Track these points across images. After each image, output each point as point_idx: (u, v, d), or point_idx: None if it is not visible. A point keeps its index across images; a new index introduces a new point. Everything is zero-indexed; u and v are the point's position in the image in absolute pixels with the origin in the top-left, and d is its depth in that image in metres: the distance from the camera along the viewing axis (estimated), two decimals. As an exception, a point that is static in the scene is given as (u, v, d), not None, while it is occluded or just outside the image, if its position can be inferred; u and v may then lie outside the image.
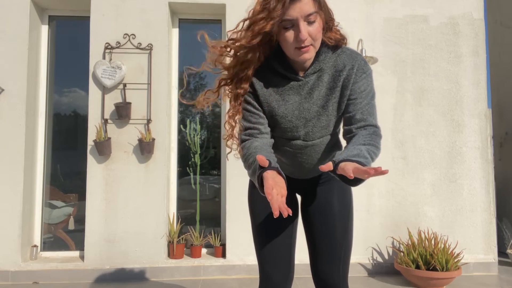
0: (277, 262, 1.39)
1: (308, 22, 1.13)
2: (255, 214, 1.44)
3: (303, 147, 1.33)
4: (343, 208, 1.44)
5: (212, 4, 3.48)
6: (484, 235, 3.48)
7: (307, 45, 1.15)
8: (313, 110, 1.27)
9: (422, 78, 3.56)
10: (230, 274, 3.29)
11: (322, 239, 1.41)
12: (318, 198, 1.45)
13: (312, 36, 1.15)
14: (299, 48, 1.16)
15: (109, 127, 3.32)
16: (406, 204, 3.47)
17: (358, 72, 1.23)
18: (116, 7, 3.38)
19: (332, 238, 1.40)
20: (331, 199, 1.44)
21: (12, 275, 3.16)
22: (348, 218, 1.44)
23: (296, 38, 1.14)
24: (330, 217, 1.41)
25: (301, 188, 1.51)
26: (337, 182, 1.45)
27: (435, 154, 3.51)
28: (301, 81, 1.25)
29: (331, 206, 1.43)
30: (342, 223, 1.42)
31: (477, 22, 3.62)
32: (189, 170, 3.65)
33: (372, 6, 3.56)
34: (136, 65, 3.37)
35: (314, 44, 1.17)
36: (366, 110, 1.25)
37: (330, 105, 1.26)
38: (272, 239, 1.39)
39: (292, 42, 1.15)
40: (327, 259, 1.40)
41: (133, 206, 3.28)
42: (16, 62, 3.27)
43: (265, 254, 1.40)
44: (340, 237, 1.40)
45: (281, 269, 1.39)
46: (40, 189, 3.49)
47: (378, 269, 3.40)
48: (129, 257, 3.25)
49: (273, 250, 1.39)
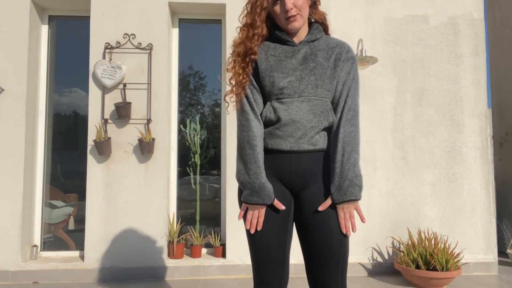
0: (272, 266, 1.38)
1: None
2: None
3: (297, 102, 1.39)
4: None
5: (212, 4, 3.48)
6: (484, 235, 3.48)
7: (294, 15, 1.37)
8: (307, 77, 1.40)
9: (422, 78, 3.56)
10: (230, 274, 3.29)
11: (319, 246, 1.36)
12: (313, 201, 1.39)
13: (297, 6, 1.37)
14: (287, 18, 1.38)
15: (109, 127, 3.32)
16: (406, 204, 3.47)
17: (348, 54, 1.44)
18: (116, 7, 3.38)
19: (329, 245, 1.35)
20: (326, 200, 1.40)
21: (12, 275, 3.16)
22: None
23: (283, 9, 1.37)
24: (327, 222, 1.36)
25: (295, 187, 1.43)
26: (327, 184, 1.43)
27: (435, 154, 3.51)
28: (296, 46, 1.43)
29: (327, 210, 1.37)
30: (339, 229, 1.37)
31: (477, 22, 3.62)
32: (189, 170, 3.65)
33: (372, 6, 3.56)
34: (136, 65, 3.37)
35: (300, 13, 1.39)
36: (351, 92, 1.41)
37: (322, 71, 1.40)
38: (266, 243, 1.38)
39: (281, 13, 1.39)
40: (325, 268, 1.36)
41: (133, 206, 3.28)
42: (16, 62, 3.27)
43: (259, 258, 1.39)
44: (338, 244, 1.35)
45: (276, 273, 1.38)
46: (40, 189, 3.49)
47: (378, 269, 3.40)
48: (129, 257, 3.25)
49: (267, 254, 1.38)
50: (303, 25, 1.44)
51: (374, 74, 3.51)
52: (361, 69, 3.44)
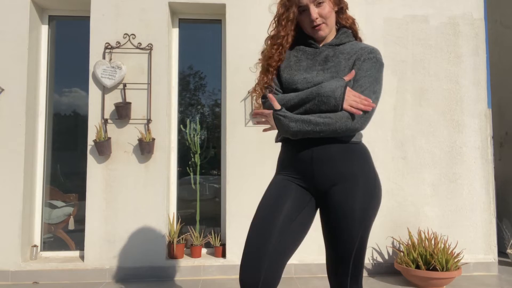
0: (254, 264, 1.28)
1: (317, 5, 1.39)
2: (258, 206, 1.42)
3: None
4: (365, 214, 1.36)
5: (212, 4, 3.48)
6: (484, 235, 3.48)
7: (319, 24, 1.41)
8: (323, 75, 1.39)
9: (422, 78, 3.56)
10: (230, 274, 3.29)
11: (338, 245, 1.38)
12: (337, 200, 1.36)
13: (323, 16, 1.40)
14: (313, 27, 1.42)
15: (109, 127, 3.32)
16: (406, 204, 3.47)
17: (369, 54, 1.41)
18: (116, 7, 3.38)
19: (347, 245, 1.36)
20: (353, 203, 1.35)
21: (12, 275, 3.16)
22: (367, 225, 1.38)
23: (309, 19, 1.41)
24: (349, 223, 1.34)
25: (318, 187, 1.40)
26: (361, 184, 1.38)
27: (435, 154, 3.51)
28: (318, 49, 1.46)
29: (352, 211, 1.34)
30: (360, 231, 1.35)
31: (477, 22, 3.62)
32: (189, 170, 3.65)
33: (372, 6, 3.56)
34: (136, 65, 3.37)
35: (326, 22, 1.42)
36: (366, 88, 1.35)
37: (339, 68, 1.40)
38: (259, 237, 1.32)
39: (307, 23, 1.42)
40: (341, 266, 1.41)
41: (133, 206, 3.28)
42: (16, 62, 3.27)
43: (246, 252, 1.32)
44: (357, 244, 1.37)
45: (255, 273, 1.27)
46: (40, 189, 3.49)
47: (378, 269, 3.40)
48: (129, 257, 3.25)
49: (256, 250, 1.30)
50: (330, 33, 1.47)
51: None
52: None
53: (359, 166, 1.40)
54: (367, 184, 1.39)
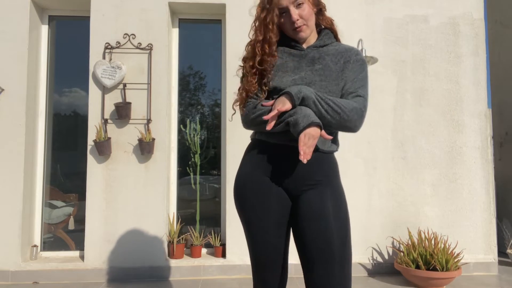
0: (271, 265, 1.40)
1: (297, 6, 1.39)
2: (246, 213, 1.42)
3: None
4: (339, 213, 1.36)
5: (212, 4, 3.48)
6: (484, 235, 3.48)
7: (300, 25, 1.40)
8: (312, 77, 1.40)
9: (422, 78, 3.56)
10: (230, 274, 3.29)
11: (317, 252, 1.31)
12: (310, 203, 1.36)
13: (303, 17, 1.39)
14: (294, 29, 1.41)
15: (109, 127, 3.32)
16: (406, 204, 3.47)
17: (357, 56, 1.44)
18: (116, 7, 3.38)
19: (328, 250, 1.30)
20: (325, 204, 1.35)
21: (12, 275, 3.16)
22: (345, 225, 1.36)
23: (289, 21, 1.40)
24: (324, 225, 1.32)
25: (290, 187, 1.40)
26: (330, 186, 1.39)
27: (435, 154, 3.51)
28: (303, 51, 1.45)
29: (325, 212, 1.34)
30: (338, 232, 1.33)
31: (477, 22, 3.62)
32: (189, 170, 3.65)
33: (372, 6, 3.56)
34: (136, 65, 3.37)
35: (307, 24, 1.41)
36: (361, 89, 1.40)
37: (329, 73, 1.41)
38: (264, 242, 1.39)
39: (288, 25, 1.41)
40: (325, 275, 1.30)
41: (133, 206, 3.28)
42: (16, 62, 3.27)
43: (258, 258, 1.41)
44: (338, 248, 1.31)
45: (274, 273, 1.41)
46: (40, 189, 3.49)
47: (378, 269, 3.40)
48: (129, 257, 3.25)
49: (266, 253, 1.40)
50: (311, 34, 1.46)
51: (374, 74, 3.51)
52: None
53: (328, 173, 1.42)
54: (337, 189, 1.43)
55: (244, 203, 1.43)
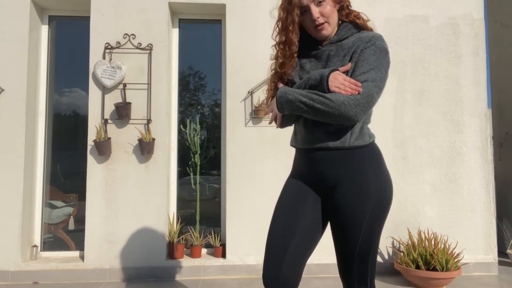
0: (275, 263, 1.38)
1: (318, 4, 1.38)
2: (277, 208, 1.50)
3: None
4: (359, 214, 1.36)
5: (212, 4, 3.48)
6: (484, 235, 3.48)
7: (321, 23, 1.39)
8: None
9: (422, 78, 3.56)
10: (230, 274, 3.29)
11: (338, 246, 1.44)
12: (334, 203, 1.41)
13: (324, 15, 1.39)
14: (315, 27, 1.40)
15: (109, 127, 3.32)
16: (406, 204, 3.47)
17: (368, 43, 1.36)
18: (116, 7, 3.38)
19: (345, 247, 1.41)
20: (343, 205, 1.38)
21: (12, 275, 3.16)
22: (364, 224, 1.37)
23: (310, 19, 1.39)
24: (342, 223, 1.40)
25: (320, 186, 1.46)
26: (353, 185, 1.38)
27: (435, 154, 3.51)
28: (319, 50, 1.45)
29: (344, 211, 1.38)
30: (355, 231, 1.37)
31: (477, 22, 3.62)
32: (189, 170, 3.65)
33: (372, 6, 3.56)
34: (136, 65, 3.37)
35: (328, 21, 1.40)
36: (365, 71, 1.32)
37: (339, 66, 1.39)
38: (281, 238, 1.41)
39: (310, 23, 1.40)
40: (345, 266, 1.43)
41: (133, 206, 3.28)
42: (16, 62, 3.27)
43: (269, 251, 1.42)
44: (353, 246, 1.39)
45: (276, 270, 1.37)
46: (40, 189, 3.49)
47: (378, 269, 3.40)
48: (129, 257, 3.25)
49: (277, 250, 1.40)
50: (333, 31, 1.44)
51: (374, 74, 3.51)
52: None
53: (354, 169, 1.41)
54: (361, 185, 1.39)
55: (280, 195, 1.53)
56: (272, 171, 3.35)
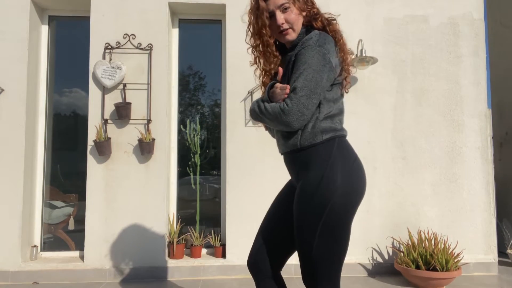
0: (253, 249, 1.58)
1: (283, 10, 1.41)
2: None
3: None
4: (302, 218, 1.35)
5: (212, 4, 3.48)
6: (484, 235, 3.48)
7: (286, 29, 1.43)
8: (284, 83, 1.43)
9: (422, 78, 3.56)
10: (230, 274, 3.29)
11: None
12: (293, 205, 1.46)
13: (289, 21, 1.42)
14: (280, 32, 1.44)
15: (109, 127, 3.32)
16: (406, 204, 3.47)
17: (301, 47, 1.37)
18: (116, 7, 3.38)
19: (299, 251, 1.40)
20: (294, 206, 1.41)
21: (12, 275, 3.16)
22: (307, 229, 1.34)
23: (276, 25, 1.43)
24: (294, 227, 1.42)
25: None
26: (300, 187, 1.38)
27: (435, 154, 3.51)
28: (286, 56, 1.49)
29: (294, 215, 1.41)
30: (301, 236, 1.36)
31: (477, 22, 3.62)
32: (189, 170, 3.65)
33: (372, 6, 3.56)
34: (136, 65, 3.37)
35: (292, 27, 1.43)
36: (295, 79, 1.34)
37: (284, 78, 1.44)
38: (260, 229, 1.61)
39: (275, 28, 1.44)
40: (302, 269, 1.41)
41: (133, 206, 3.28)
42: (16, 62, 3.27)
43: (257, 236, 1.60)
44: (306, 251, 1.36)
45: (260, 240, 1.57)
46: (40, 189, 3.49)
47: (378, 269, 3.40)
48: (129, 257, 3.25)
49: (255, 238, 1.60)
50: (297, 37, 1.46)
51: (374, 74, 3.51)
52: (361, 69, 3.44)
53: (304, 169, 1.40)
54: (304, 188, 1.37)
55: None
56: (272, 171, 3.35)
